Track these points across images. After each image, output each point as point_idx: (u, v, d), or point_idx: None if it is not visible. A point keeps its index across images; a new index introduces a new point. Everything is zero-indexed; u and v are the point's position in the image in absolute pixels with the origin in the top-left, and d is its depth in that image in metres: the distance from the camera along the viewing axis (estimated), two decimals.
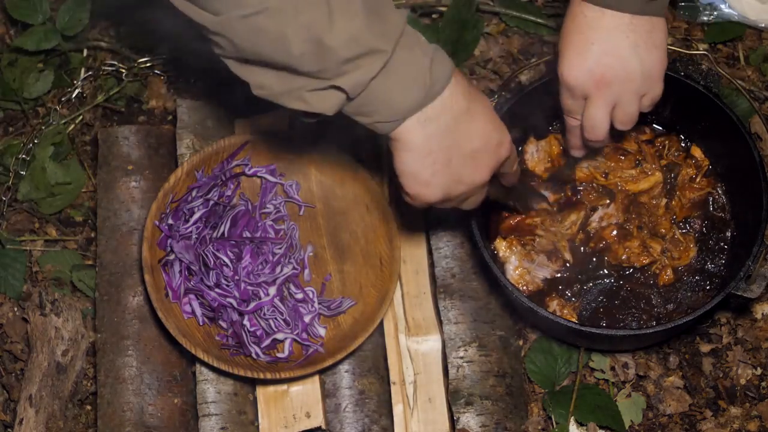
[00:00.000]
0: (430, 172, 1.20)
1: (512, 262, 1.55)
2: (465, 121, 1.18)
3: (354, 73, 1.10)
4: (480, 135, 1.21)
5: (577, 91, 1.36)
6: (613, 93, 1.34)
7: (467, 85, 1.20)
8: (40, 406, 1.59)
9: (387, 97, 1.13)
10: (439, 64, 1.14)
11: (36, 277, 1.73)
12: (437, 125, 1.17)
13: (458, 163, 1.20)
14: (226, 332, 1.54)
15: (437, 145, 1.18)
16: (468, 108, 1.18)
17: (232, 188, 1.62)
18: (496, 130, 1.23)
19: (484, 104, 1.22)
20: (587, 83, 1.34)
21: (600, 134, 1.39)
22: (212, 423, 1.53)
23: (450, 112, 1.17)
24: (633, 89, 1.34)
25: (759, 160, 1.48)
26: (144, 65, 1.86)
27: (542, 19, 1.85)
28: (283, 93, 1.13)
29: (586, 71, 1.33)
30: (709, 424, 1.58)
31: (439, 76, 1.14)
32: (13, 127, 1.86)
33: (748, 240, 1.46)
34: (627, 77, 1.33)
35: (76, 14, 1.83)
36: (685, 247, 1.55)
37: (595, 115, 1.37)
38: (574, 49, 1.33)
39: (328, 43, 1.07)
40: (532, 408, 1.59)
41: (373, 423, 1.54)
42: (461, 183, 1.23)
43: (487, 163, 1.23)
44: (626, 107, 1.36)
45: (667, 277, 1.54)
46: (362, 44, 1.08)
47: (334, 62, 1.08)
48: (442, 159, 1.19)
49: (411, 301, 1.61)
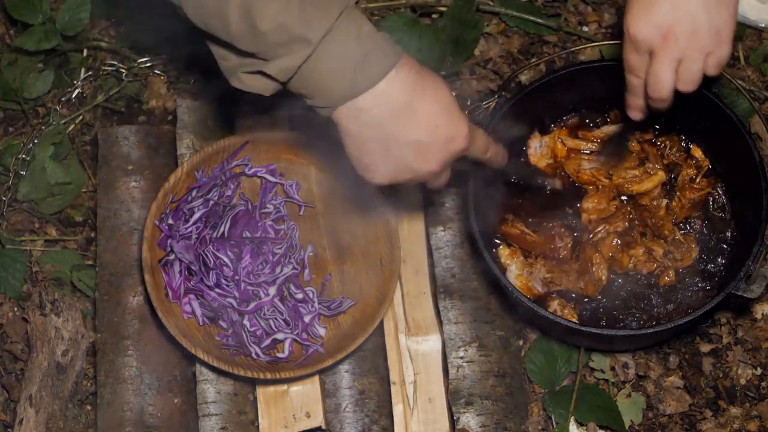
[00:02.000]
0: (369, 159, 1.23)
1: (513, 270, 1.55)
2: (403, 115, 1.19)
3: (283, 59, 1.13)
4: (423, 129, 1.21)
5: (642, 45, 1.34)
6: (679, 48, 1.32)
7: (414, 79, 1.20)
8: (40, 406, 1.59)
9: (315, 85, 1.16)
10: (375, 57, 1.16)
11: (36, 277, 1.73)
12: (370, 116, 1.19)
13: (399, 153, 1.22)
14: (226, 332, 1.54)
15: (371, 135, 1.20)
16: (408, 102, 1.19)
17: (232, 188, 1.62)
18: (445, 125, 1.22)
19: (434, 99, 1.22)
20: (654, 37, 1.32)
21: (666, 92, 1.37)
22: (212, 423, 1.53)
23: (385, 105, 1.18)
24: (699, 46, 1.32)
25: (759, 160, 1.48)
26: (144, 65, 1.86)
27: (542, 19, 1.85)
28: (229, 69, 1.18)
29: (653, 25, 1.31)
30: (709, 424, 1.58)
31: (372, 71, 1.16)
32: (13, 127, 1.86)
33: (748, 240, 1.46)
34: (694, 33, 1.31)
35: (76, 14, 1.82)
36: (687, 248, 1.55)
37: (661, 70, 1.35)
38: (641, 1, 1.32)
39: (259, 26, 1.11)
40: (532, 408, 1.59)
41: (373, 423, 1.54)
42: (408, 171, 1.24)
43: (435, 156, 1.23)
44: (691, 65, 1.34)
45: (668, 279, 1.54)
46: (289, 32, 1.11)
47: (266, 45, 1.12)
48: (379, 149, 1.21)
49: (411, 301, 1.61)
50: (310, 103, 1.20)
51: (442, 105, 1.22)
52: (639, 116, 1.48)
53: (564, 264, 1.56)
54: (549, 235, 1.57)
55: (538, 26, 1.85)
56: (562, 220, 1.58)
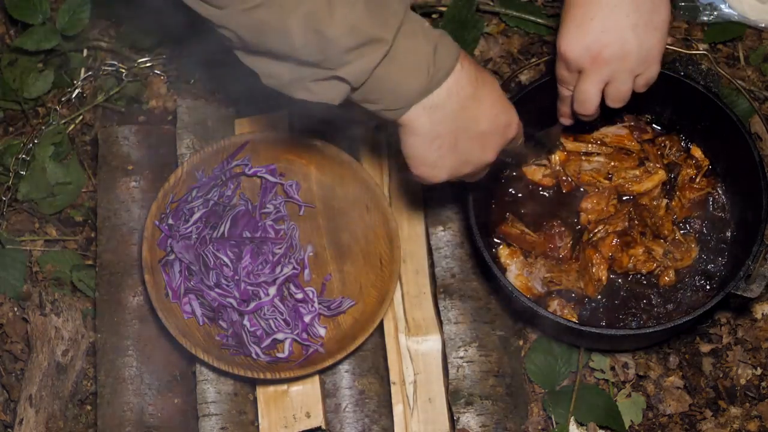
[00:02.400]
0: (437, 155, 1.23)
1: (512, 270, 1.55)
2: (472, 106, 1.21)
3: (356, 63, 1.11)
4: (487, 118, 1.23)
5: (572, 64, 1.37)
6: (607, 71, 1.35)
7: (474, 70, 1.21)
8: (40, 406, 1.59)
9: (391, 86, 1.15)
10: (443, 51, 1.16)
11: (36, 277, 1.73)
12: (443, 111, 1.19)
13: (465, 145, 1.24)
14: (226, 332, 1.54)
15: (444, 130, 1.21)
16: (474, 93, 1.21)
17: (232, 188, 1.62)
18: (504, 111, 1.26)
19: (492, 87, 1.24)
20: (583, 58, 1.34)
21: (589, 109, 1.41)
22: (212, 423, 1.53)
23: (456, 97, 1.19)
24: (628, 68, 1.35)
25: (759, 160, 1.48)
26: (144, 65, 1.86)
27: (542, 19, 1.85)
28: (290, 83, 1.15)
29: (583, 47, 1.33)
30: (709, 424, 1.58)
31: (444, 64, 1.17)
32: (13, 127, 1.86)
33: (748, 240, 1.46)
34: (623, 56, 1.33)
35: (76, 14, 1.82)
36: (687, 248, 1.55)
37: (587, 90, 1.38)
38: (574, 22, 1.33)
39: (329, 33, 1.08)
40: (532, 408, 1.59)
41: (373, 423, 1.54)
42: (468, 163, 1.27)
43: (494, 144, 1.26)
44: (619, 85, 1.37)
45: (668, 279, 1.54)
46: (362, 34, 1.09)
47: (336, 52, 1.10)
48: (449, 143, 1.22)
49: (411, 301, 1.61)
50: (375, 108, 1.18)
51: (498, 93, 1.26)
52: (568, 122, 1.51)
53: (564, 264, 1.56)
54: (549, 235, 1.57)
55: (538, 26, 1.85)
56: (562, 220, 1.58)
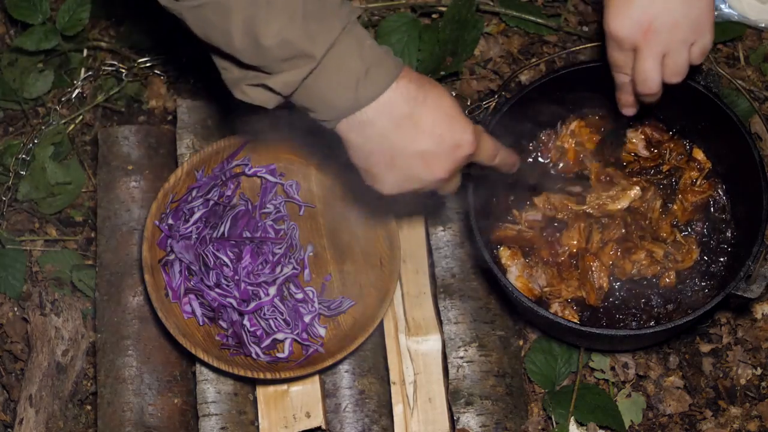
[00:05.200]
0: (375, 170, 1.24)
1: (513, 272, 1.55)
2: (406, 125, 1.20)
3: (285, 74, 1.15)
4: (427, 138, 1.21)
5: (625, 43, 1.36)
6: (661, 42, 1.34)
7: (416, 89, 1.20)
8: (40, 406, 1.59)
9: (320, 98, 1.17)
10: (377, 71, 1.17)
11: (36, 277, 1.73)
12: (373, 129, 1.20)
13: (404, 164, 1.22)
14: (226, 332, 1.54)
15: (376, 147, 1.21)
16: (410, 113, 1.20)
17: (232, 188, 1.62)
18: (449, 132, 1.23)
19: (437, 107, 1.22)
20: (634, 34, 1.34)
21: (653, 87, 1.39)
22: (212, 423, 1.53)
23: (387, 116, 1.19)
24: (681, 38, 1.34)
25: (759, 160, 1.48)
26: (144, 65, 1.86)
27: (542, 19, 1.85)
28: (233, 81, 1.19)
29: (632, 21, 1.33)
30: (709, 424, 1.58)
31: (375, 84, 1.17)
32: (13, 127, 1.86)
33: (748, 240, 1.46)
34: (674, 25, 1.32)
35: (76, 14, 1.83)
36: (688, 250, 1.55)
37: (647, 67, 1.36)
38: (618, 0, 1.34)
39: (263, 42, 1.12)
40: (532, 408, 1.59)
41: (373, 423, 1.54)
42: (414, 180, 1.25)
43: (441, 164, 1.24)
44: (676, 57, 1.35)
45: (669, 280, 1.54)
46: (293, 47, 1.12)
47: (269, 60, 1.13)
48: (384, 160, 1.22)
49: (411, 301, 1.61)
50: (313, 116, 1.20)
51: (445, 113, 1.22)
52: (631, 112, 1.49)
53: (564, 271, 1.55)
54: (548, 242, 1.57)
55: (538, 26, 1.85)
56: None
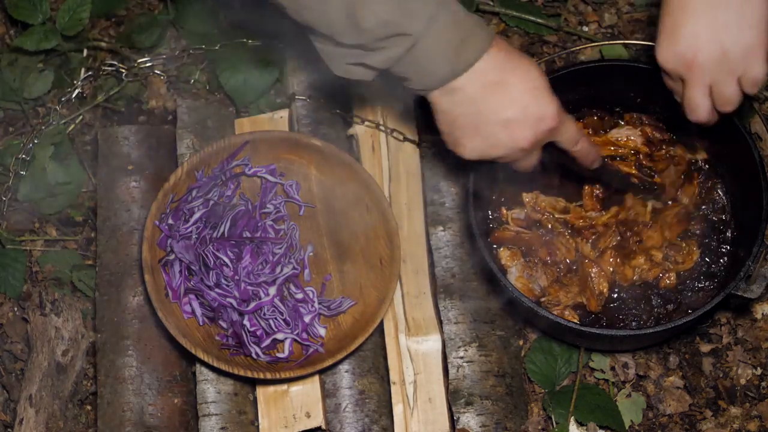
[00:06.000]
0: (459, 134, 1.29)
1: (513, 272, 1.55)
2: (495, 92, 1.25)
3: (383, 52, 1.20)
4: (513, 106, 1.26)
5: (672, 74, 1.37)
6: (706, 74, 1.33)
7: (506, 59, 1.25)
8: (40, 406, 1.59)
9: (416, 70, 1.23)
10: (471, 42, 1.22)
11: (36, 277, 1.73)
12: (462, 94, 1.25)
13: (488, 129, 1.27)
14: (226, 332, 1.54)
15: (464, 111, 1.26)
16: (500, 80, 1.25)
17: (232, 188, 1.62)
18: (536, 103, 1.28)
19: (526, 78, 1.27)
20: (679, 66, 1.34)
21: (701, 115, 1.38)
22: (212, 423, 1.53)
23: (477, 83, 1.24)
24: (728, 69, 1.32)
25: (759, 160, 1.48)
26: (144, 65, 1.86)
27: (542, 19, 1.85)
28: (330, 56, 1.25)
29: (677, 55, 1.33)
30: (709, 424, 1.58)
31: (469, 56, 1.22)
32: (13, 127, 1.86)
33: (748, 240, 1.45)
34: (720, 58, 1.31)
35: (76, 14, 1.82)
36: (689, 251, 1.55)
37: (693, 97, 1.37)
38: (665, 32, 1.34)
39: (362, 24, 1.17)
40: (532, 408, 1.59)
41: (373, 423, 1.54)
42: (496, 147, 1.30)
43: (523, 133, 1.28)
44: (723, 88, 1.34)
45: (669, 282, 1.53)
46: (392, 26, 1.18)
47: (369, 40, 1.19)
48: (469, 124, 1.27)
49: (411, 301, 1.61)
50: (408, 85, 1.26)
51: (533, 84, 1.27)
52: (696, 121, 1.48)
53: (564, 276, 1.55)
54: (548, 242, 1.56)
55: (538, 26, 1.85)
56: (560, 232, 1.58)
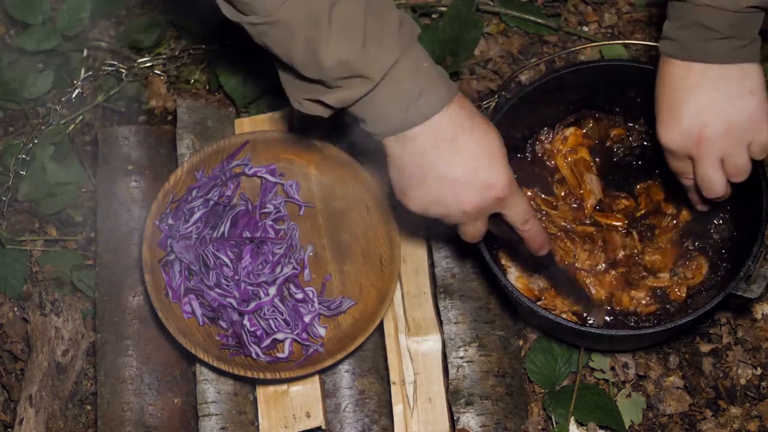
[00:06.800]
0: (406, 183, 1.25)
1: (513, 272, 1.55)
2: (447, 148, 1.21)
3: (342, 91, 1.17)
4: (462, 166, 1.22)
5: (679, 153, 1.35)
6: (716, 148, 1.31)
7: (465, 118, 1.21)
8: (40, 406, 1.59)
9: (371, 115, 1.20)
10: (428, 96, 1.19)
11: (36, 277, 1.73)
12: (414, 145, 1.21)
13: (434, 186, 1.23)
14: (226, 332, 1.54)
15: (412, 161, 1.23)
16: (455, 137, 1.21)
17: (232, 188, 1.62)
18: (487, 168, 1.23)
19: (483, 140, 1.23)
20: (687, 144, 1.32)
21: (718, 191, 1.36)
22: (212, 423, 1.53)
23: (431, 136, 1.21)
24: (736, 140, 1.31)
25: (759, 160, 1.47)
26: (144, 65, 1.86)
27: (542, 19, 1.85)
28: (290, 90, 1.23)
29: (683, 133, 1.32)
30: (709, 424, 1.58)
31: (425, 108, 1.19)
32: (13, 127, 1.86)
33: (748, 240, 1.45)
34: (727, 130, 1.30)
35: (76, 14, 1.83)
36: (698, 265, 1.53)
37: (707, 174, 1.34)
38: (667, 112, 1.32)
39: (323, 62, 1.15)
40: (532, 408, 1.59)
41: (373, 423, 1.54)
42: (439, 205, 1.25)
43: (468, 196, 1.23)
44: (734, 159, 1.33)
45: (679, 294, 1.53)
46: (351, 68, 1.15)
47: (329, 77, 1.16)
48: (416, 176, 1.23)
49: (411, 301, 1.61)
50: (363, 126, 1.23)
51: (488, 149, 1.23)
52: (705, 208, 1.50)
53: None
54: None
55: (538, 26, 1.85)
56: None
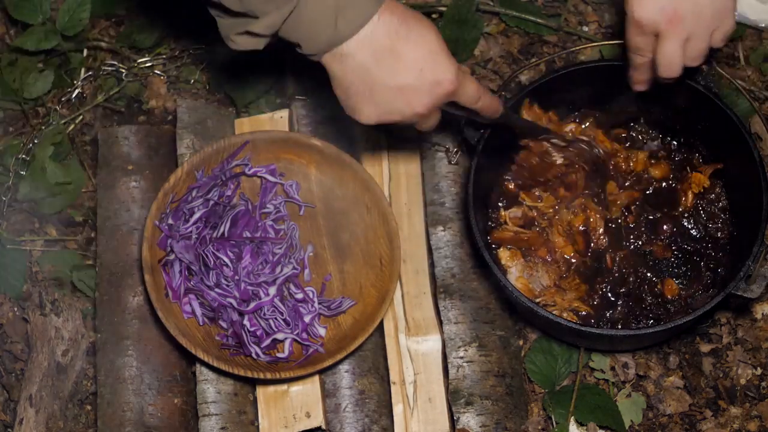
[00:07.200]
0: (354, 100, 1.27)
1: (513, 273, 1.55)
2: (387, 59, 1.23)
3: (268, 17, 1.20)
4: (407, 72, 1.24)
5: (648, 28, 1.37)
6: (685, 28, 1.35)
7: (398, 24, 1.23)
8: (40, 406, 1.59)
9: (302, 34, 1.22)
10: (354, 7, 1.20)
11: (36, 277, 1.73)
12: (353, 61, 1.23)
13: (383, 97, 1.26)
14: (226, 332, 1.54)
15: (356, 78, 1.25)
16: (391, 46, 1.23)
17: (232, 188, 1.62)
18: (432, 68, 1.25)
19: (420, 42, 1.24)
20: (659, 20, 1.35)
21: (676, 70, 1.40)
22: (212, 423, 1.53)
23: (368, 50, 1.23)
24: (705, 24, 1.35)
25: (759, 160, 1.48)
26: (144, 65, 1.86)
27: (542, 19, 1.85)
28: (223, 29, 1.24)
29: (657, 8, 1.34)
30: (709, 424, 1.58)
31: (352, 19, 1.21)
32: (13, 127, 1.86)
33: (748, 240, 1.46)
34: (698, 11, 1.34)
35: (76, 14, 1.82)
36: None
37: (671, 51, 1.37)
38: None
39: None
40: (532, 408, 1.59)
41: (373, 423, 1.54)
42: (393, 113, 1.28)
43: (419, 99, 1.26)
44: (698, 42, 1.37)
45: (671, 288, 1.53)
46: None
47: (253, 5, 1.18)
48: (363, 92, 1.25)
49: (411, 301, 1.61)
50: (299, 51, 1.25)
51: (428, 48, 1.25)
52: (643, 88, 1.50)
53: (564, 280, 1.55)
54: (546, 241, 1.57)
55: (538, 26, 1.85)
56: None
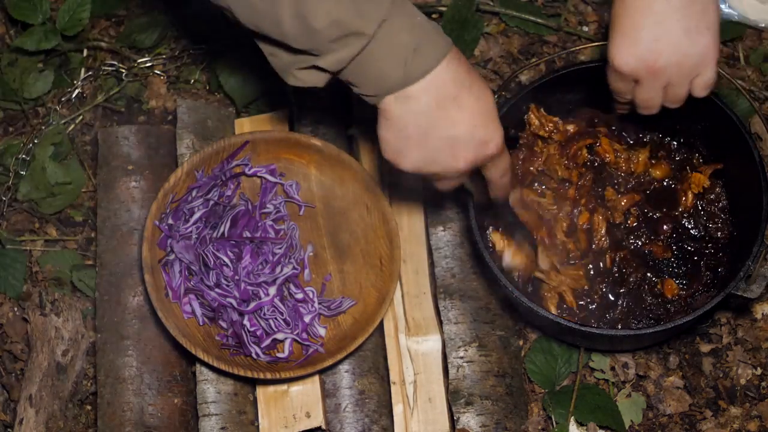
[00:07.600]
0: (403, 144, 1.24)
1: (508, 254, 1.55)
2: (449, 107, 1.21)
3: (336, 53, 1.16)
4: (464, 125, 1.23)
5: (627, 76, 1.37)
6: (664, 77, 1.35)
7: (464, 74, 1.22)
8: (40, 406, 1.59)
9: (368, 75, 1.18)
10: (427, 49, 1.18)
11: (36, 277, 1.73)
12: (417, 104, 1.20)
13: (434, 144, 1.24)
14: (226, 332, 1.54)
15: (413, 122, 1.22)
16: (456, 96, 1.21)
17: (232, 188, 1.62)
18: (485, 126, 1.24)
19: (480, 98, 1.23)
20: (639, 69, 1.34)
21: (653, 110, 1.42)
22: (212, 423, 1.53)
23: (433, 95, 1.20)
24: (685, 73, 1.34)
25: (759, 160, 1.48)
26: (144, 65, 1.86)
27: (542, 19, 1.85)
28: (284, 67, 1.21)
29: (637, 58, 1.33)
30: (709, 424, 1.58)
31: (424, 62, 1.18)
32: (13, 127, 1.86)
33: (748, 240, 1.46)
34: (679, 62, 1.33)
35: (76, 14, 1.83)
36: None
37: (648, 97, 1.38)
38: (624, 34, 1.33)
39: (313, 24, 1.13)
40: (532, 408, 1.59)
41: (373, 423, 1.54)
42: (435, 163, 1.26)
43: (465, 154, 1.25)
44: (677, 90, 1.37)
45: (672, 287, 1.53)
46: (344, 27, 1.13)
47: (321, 42, 1.14)
48: (417, 136, 1.23)
49: (411, 301, 1.61)
50: (357, 92, 1.22)
51: (486, 106, 1.24)
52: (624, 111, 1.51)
53: (562, 264, 1.55)
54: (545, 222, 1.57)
55: (538, 26, 1.85)
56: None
